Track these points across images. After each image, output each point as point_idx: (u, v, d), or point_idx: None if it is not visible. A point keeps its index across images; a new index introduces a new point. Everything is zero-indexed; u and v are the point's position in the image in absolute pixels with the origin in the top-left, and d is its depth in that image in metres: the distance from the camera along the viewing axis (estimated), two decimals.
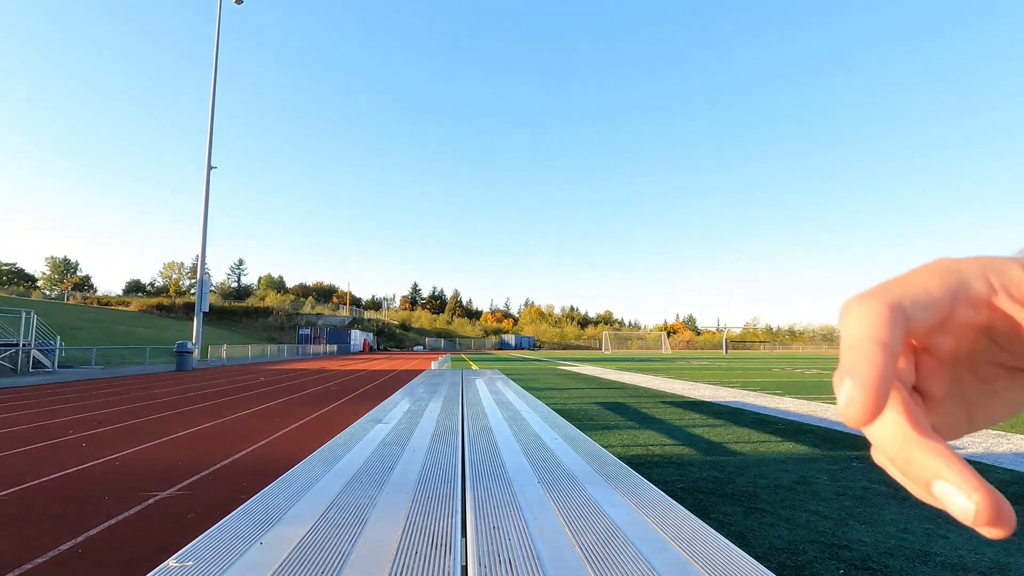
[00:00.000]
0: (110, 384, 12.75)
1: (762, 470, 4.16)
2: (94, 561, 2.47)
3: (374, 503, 1.43)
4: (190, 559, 1.03)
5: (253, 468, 4.27)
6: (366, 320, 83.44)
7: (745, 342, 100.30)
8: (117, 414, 7.51)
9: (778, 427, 6.23)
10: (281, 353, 36.86)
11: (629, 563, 1.05)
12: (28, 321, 17.12)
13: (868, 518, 3.06)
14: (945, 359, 0.26)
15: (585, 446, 2.36)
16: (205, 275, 23.99)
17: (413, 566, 1.02)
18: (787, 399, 9.36)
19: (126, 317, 47.73)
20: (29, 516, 3.12)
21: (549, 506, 1.42)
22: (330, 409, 8.20)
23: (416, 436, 2.56)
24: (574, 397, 9.83)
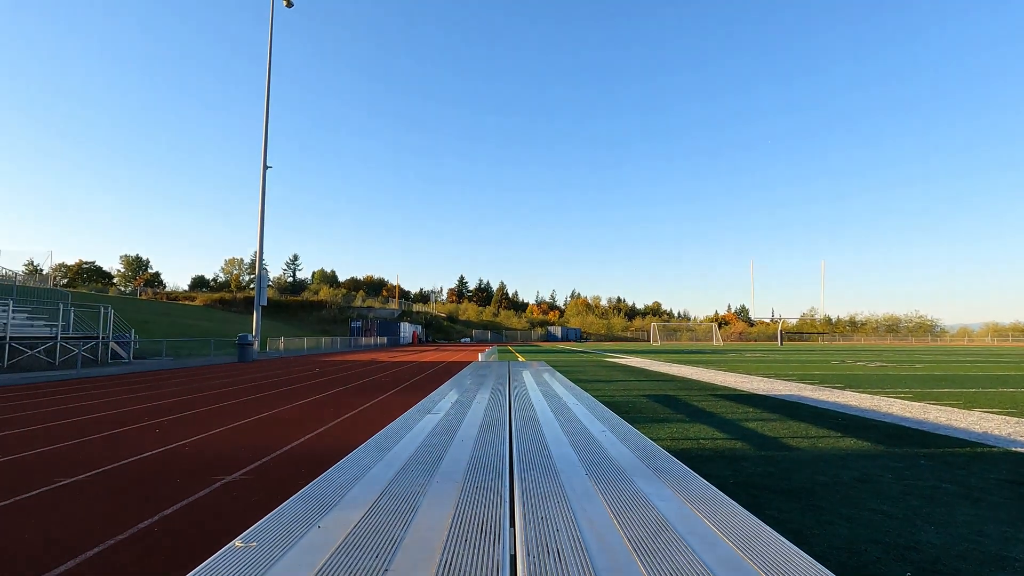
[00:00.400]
0: (179, 374, 13.54)
1: (820, 466, 4.00)
2: (171, 538, 2.64)
3: (425, 491, 1.47)
4: (254, 540, 1.09)
5: (310, 455, 4.45)
6: (415, 313, 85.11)
7: (802, 333, 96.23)
8: (185, 402, 7.98)
9: (838, 422, 5.96)
10: (334, 345, 38.14)
11: (679, 557, 1.04)
12: (106, 316, 18.40)
13: (938, 519, 2.89)
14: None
15: (633, 439, 2.33)
16: (263, 271, 25.06)
17: (463, 553, 1.04)
18: (848, 393, 8.94)
19: (192, 311, 50.50)
20: (112, 495, 3.37)
21: (597, 498, 1.42)
22: (381, 399, 8.44)
23: (464, 427, 2.60)
24: (621, 389, 9.72)
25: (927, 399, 8.06)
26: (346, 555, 1.03)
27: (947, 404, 7.48)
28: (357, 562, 1.00)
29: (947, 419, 6.13)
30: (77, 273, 79.35)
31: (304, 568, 0.96)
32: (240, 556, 1.01)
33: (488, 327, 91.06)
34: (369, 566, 0.98)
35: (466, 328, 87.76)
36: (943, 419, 6.13)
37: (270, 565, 0.98)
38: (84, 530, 2.76)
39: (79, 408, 7.36)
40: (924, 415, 6.43)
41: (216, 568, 0.96)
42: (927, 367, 16.20)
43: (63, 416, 6.63)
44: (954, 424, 5.80)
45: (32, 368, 15.01)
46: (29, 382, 11.37)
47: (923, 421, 5.99)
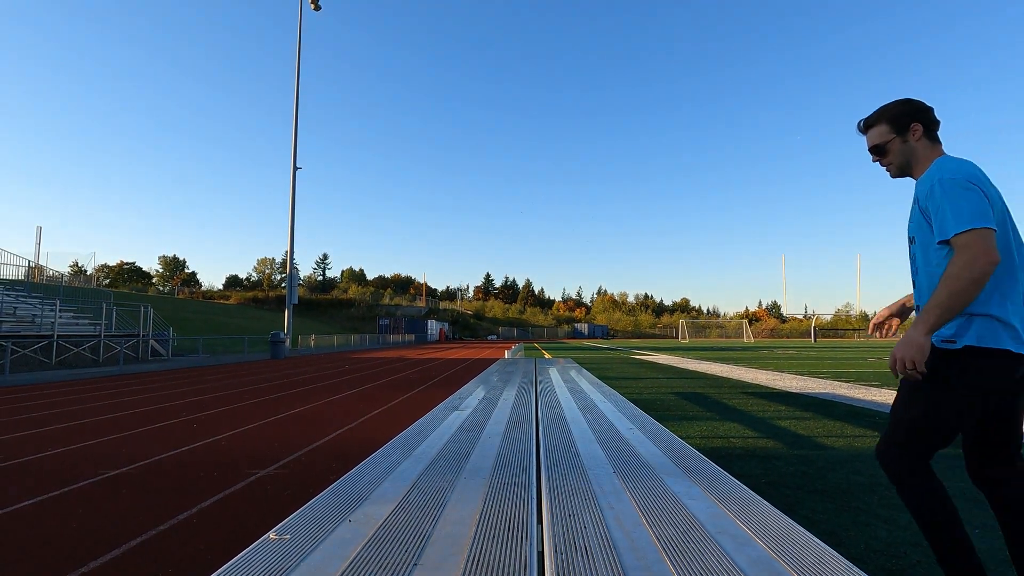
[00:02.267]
0: (215, 371, 13.95)
1: (857, 466, 3.89)
2: (209, 529, 2.73)
3: (452, 487, 1.48)
4: (287, 533, 1.12)
5: (340, 450, 4.54)
6: (441, 310, 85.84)
7: (836, 330, 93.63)
8: (221, 398, 8.21)
9: (875, 421, 5.79)
10: (363, 342, 38.76)
11: (710, 557, 1.02)
12: (146, 314, 19.07)
13: (982, 522, 2.79)
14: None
15: (662, 436, 2.31)
16: (294, 270, 25.61)
17: (491, 549, 1.05)
18: (885, 391, 8.67)
19: (226, 310, 51.94)
20: (153, 487, 3.49)
21: (625, 496, 1.41)
22: (409, 396, 8.54)
23: (491, 423, 2.61)
24: (650, 387, 9.63)
25: None
26: (376, 548, 1.05)
27: None
28: (387, 555, 1.02)
29: None
30: (118, 273, 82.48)
31: (336, 560, 0.99)
32: (275, 548, 1.04)
33: (514, 324, 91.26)
34: (399, 559, 1.00)
35: (492, 325, 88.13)
36: None
37: (303, 557, 1.00)
38: (128, 520, 2.88)
39: (122, 403, 7.65)
40: None
41: (252, 559, 0.99)
42: None
43: (107, 411, 6.90)
44: None
45: (77, 365, 15.67)
46: (75, 378, 11.86)
47: None
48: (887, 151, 1.91)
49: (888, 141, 1.89)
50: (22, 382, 10.81)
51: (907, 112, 1.86)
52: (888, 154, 1.91)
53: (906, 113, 1.86)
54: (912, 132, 1.86)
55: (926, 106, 1.88)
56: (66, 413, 6.73)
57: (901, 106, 1.88)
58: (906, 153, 1.88)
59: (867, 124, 1.96)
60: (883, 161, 1.95)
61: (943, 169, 1.71)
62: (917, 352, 1.62)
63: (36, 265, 26.03)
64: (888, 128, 1.89)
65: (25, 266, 23.58)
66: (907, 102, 1.89)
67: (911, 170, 1.91)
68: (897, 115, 1.87)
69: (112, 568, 2.30)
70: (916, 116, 1.86)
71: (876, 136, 1.92)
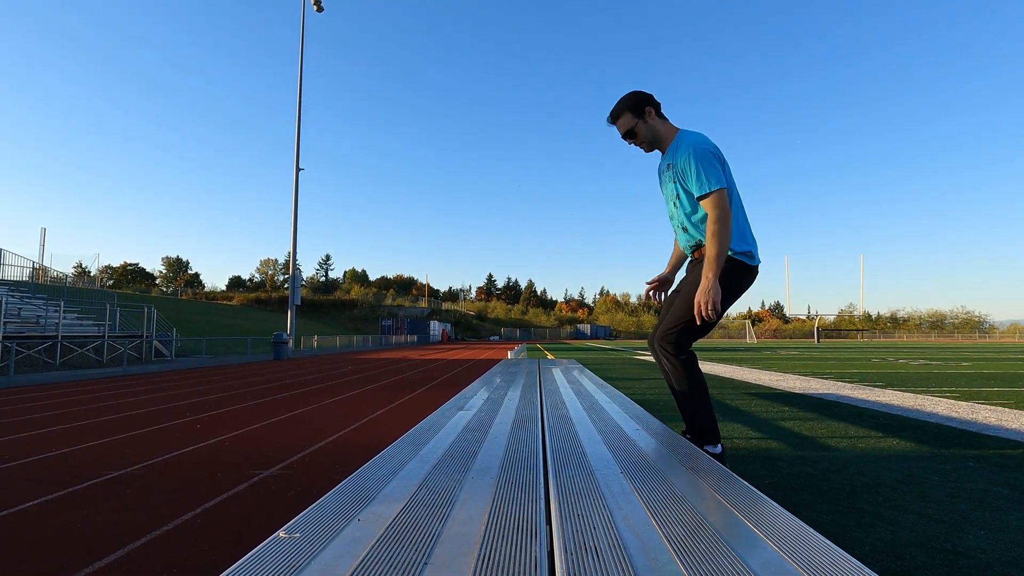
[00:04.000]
0: (218, 372, 13.97)
1: (861, 467, 3.87)
2: (213, 530, 2.74)
3: (460, 487, 1.48)
4: (297, 532, 1.12)
5: (344, 450, 4.54)
6: (444, 311, 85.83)
7: (840, 330, 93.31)
8: (224, 399, 8.23)
9: (879, 421, 5.77)
10: (366, 343, 38.78)
11: (720, 558, 1.02)
12: (149, 315, 19.12)
13: (988, 523, 2.77)
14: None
15: (668, 437, 2.31)
16: (296, 271, 25.63)
17: (501, 549, 1.05)
18: (889, 392, 8.64)
19: (229, 311, 52.00)
20: (157, 488, 3.50)
21: (633, 497, 1.40)
22: (413, 396, 8.54)
23: (497, 423, 2.61)
24: (652, 387, 9.61)
25: (976, 399, 7.73)
26: (387, 547, 1.05)
27: (997, 404, 7.15)
28: (397, 554, 1.02)
29: (998, 419, 5.87)
30: (122, 274, 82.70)
31: (347, 559, 0.99)
32: (286, 546, 1.04)
33: (516, 325, 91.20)
34: (409, 559, 1.00)
35: (495, 326, 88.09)
36: (993, 419, 5.87)
37: (314, 555, 1.00)
38: (132, 521, 2.88)
39: (125, 404, 7.67)
40: (972, 415, 6.17)
41: (264, 557, 0.99)
42: (975, 365, 15.52)
43: (111, 412, 6.92)
44: (1005, 424, 5.55)
45: (81, 365, 15.71)
46: (79, 379, 11.90)
47: (971, 421, 5.75)
48: (636, 133, 2.34)
49: (634, 125, 2.33)
50: (26, 383, 10.85)
51: (640, 100, 2.30)
52: (638, 135, 2.35)
53: (639, 101, 2.30)
54: (647, 114, 2.32)
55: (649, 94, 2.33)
56: (70, 414, 6.75)
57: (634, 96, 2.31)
58: (650, 131, 2.34)
59: (613, 117, 2.38)
60: (636, 142, 2.39)
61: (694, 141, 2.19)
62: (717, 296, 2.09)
63: (40, 266, 26.12)
64: (631, 115, 2.32)
65: (30, 267, 23.65)
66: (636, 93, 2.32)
67: (659, 144, 2.37)
68: (633, 104, 2.31)
69: (116, 569, 2.31)
70: (647, 102, 2.31)
71: (624, 124, 2.35)
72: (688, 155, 2.16)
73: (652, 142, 2.38)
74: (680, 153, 2.22)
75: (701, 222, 2.29)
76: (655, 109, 2.33)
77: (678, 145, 2.26)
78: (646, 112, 2.32)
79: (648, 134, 2.35)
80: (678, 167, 2.23)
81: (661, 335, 2.48)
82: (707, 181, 2.10)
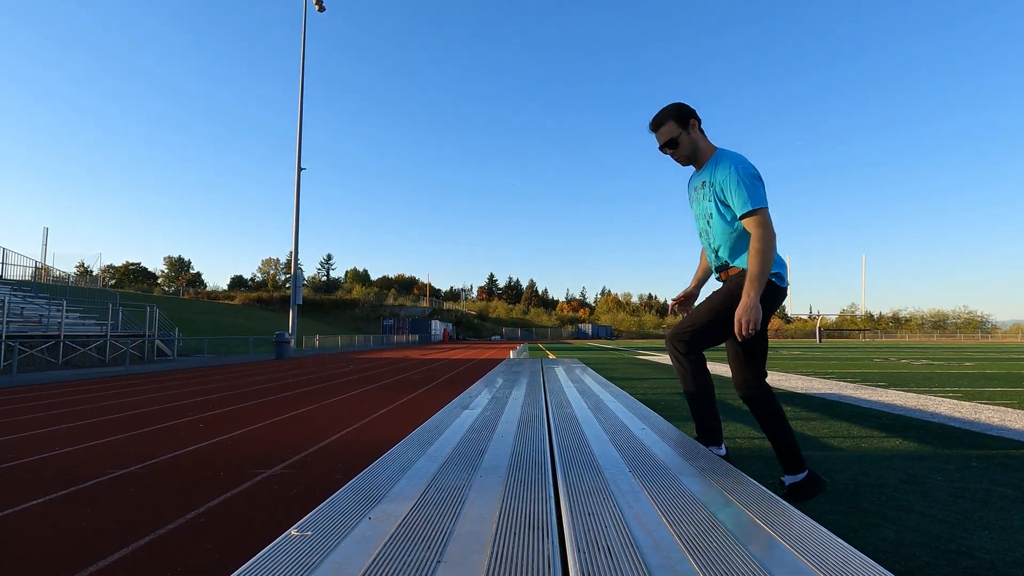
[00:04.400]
0: (220, 371, 13.98)
1: (864, 467, 3.87)
2: (216, 529, 2.73)
3: (470, 485, 1.48)
4: (308, 530, 1.12)
5: (346, 450, 4.54)
6: (445, 310, 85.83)
7: (842, 330, 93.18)
8: (227, 398, 8.23)
9: (881, 421, 5.76)
10: (367, 343, 38.80)
11: (733, 557, 1.02)
12: (152, 315, 19.14)
13: (992, 523, 2.76)
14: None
15: (675, 436, 2.31)
16: (298, 270, 25.64)
17: (513, 547, 1.05)
18: (892, 392, 8.63)
19: (231, 310, 52.04)
20: (160, 487, 3.50)
21: (643, 495, 1.40)
22: (415, 395, 8.54)
23: (503, 422, 2.61)
24: (655, 387, 9.61)
25: (979, 399, 7.71)
26: (399, 545, 1.05)
27: (1000, 404, 7.14)
28: (410, 552, 1.01)
29: (1000, 419, 5.86)
30: (124, 274, 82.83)
31: (360, 556, 0.98)
32: (298, 544, 1.04)
33: (518, 324, 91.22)
34: (422, 557, 0.99)
35: (496, 326, 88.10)
36: (996, 419, 5.86)
37: (327, 553, 1.00)
38: (135, 520, 2.88)
39: (128, 403, 7.68)
40: (975, 415, 6.16)
41: (276, 554, 0.99)
42: (977, 365, 15.50)
43: (113, 411, 6.93)
44: (1008, 424, 5.54)
45: (84, 365, 15.73)
46: (81, 378, 11.91)
47: (974, 421, 5.74)
48: (679, 144, 2.32)
49: (678, 135, 2.30)
50: (29, 382, 10.86)
51: (685, 112, 2.30)
52: (679, 146, 2.32)
53: (685, 113, 2.30)
54: (692, 127, 2.31)
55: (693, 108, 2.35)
56: (72, 413, 6.76)
57: (679, 107, 2.31)
58: (692, 144, 2.32)
59: (656, 124, 2.35)
60: (674, 153, 2.36)
61: (737, 160, 2.18)
62: (757, 315, 2.08)
63: (43, 266, 26.16)
64: (675, 124, 2.30)
65: (32, 267, 23.69)
66: (681, 104, 2.32)
67: (696, 159, 2.36)
68: (678, 114, 2.30)
69: (120, 568, 2.31)
70: (692, 115, 2.31)
71: (667, 133, 2.32)
72: (732, 173, 2.15)
73: (691, 156, 2.37)
74: (721, 171, 2.21)
75: (736, 242, 2.29)
76: (698, 123, 2.34)
77: (717, 163, 2.25)
78: (691, 124, 2.31)
79: (689, 147, 2.33)
80: (718, 185, 2.22)
81: (676, 332, 2.52)
82: (753, 199, 2.10)
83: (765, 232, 2.06)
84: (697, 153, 2.34)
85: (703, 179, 2.33)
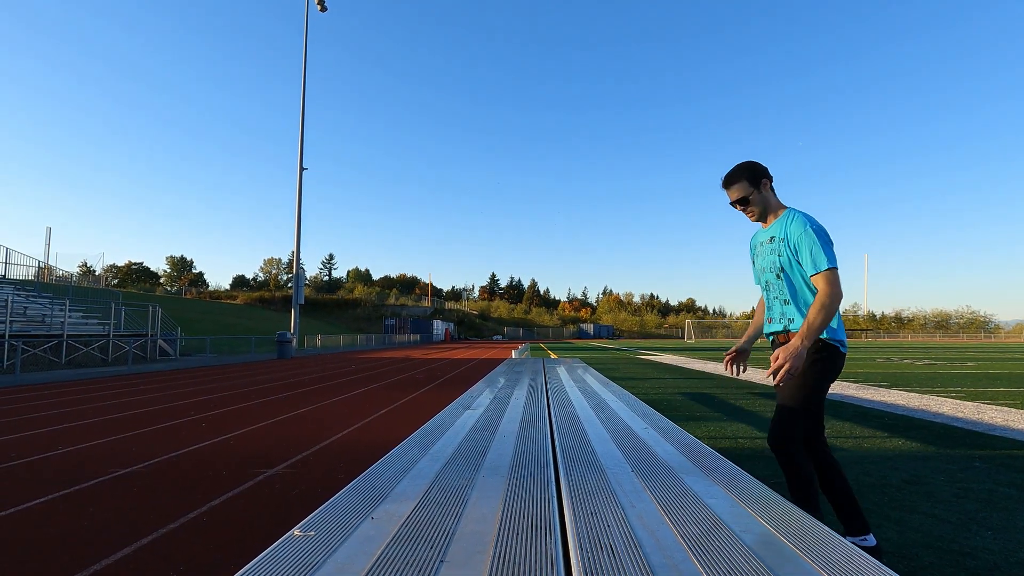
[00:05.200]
0: (222, 371, 14.00)
1: (866, 467, 3.86)
2: (218, 528, 2.74)
3: (472, 485, 1.48)
4: (311, 530, 1.12)
5: (348, 449, 4.55)
6: (447, 310, 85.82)
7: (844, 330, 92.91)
8: (229, 398, 8.25)
9: (884, 421, 5.75)
10: (369, 343, 38.83)
11: (736, 556, 1.02)
12: (154, 314, 19.18)
13: (995, 524, 2.75)
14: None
15: (678, 436, 2.30)
16: (300, 270, 25.66)
17: (516, 547, 1.05)
18: (894, 392, 8.61)
19: (233, 310, 52.11)
20: (162, 486, 3.51)
21: (645, 495, 1.40)
22: (417, 395, 8.55)
23: (505, 422, 2.61)
24: (657, 387, 9.60)
25: (981, 399, 7.69)
26: (402, 545, 1.05)
27: (1003, 404, 7.12)
28: (413, 552, 1.01)
29: (1004, 420, 5.84)
30: (127, 274, 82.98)
31: (363, 557, 0.99)
32: (301, 544, 1.04)
33: (520, 324, 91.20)
34: (425, 556, 1.00)
35: (498, 325, 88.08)
36: (999, 419, 5.85)
37: (330, 553, 1.00)
38: (138, 519, 2.89)
39: (130, 403, 7.69)
40: (978, 415, 6.14)
41: (279, 555, 0.99)
42: (980, 365, 15.46)
43: (116, 410, 6.94)
44: (1012, 425, 5.53)
45: (87, 364, 15.77)
46: (84, 377, 11.94)
47: (977, 421, 5.73)
48: (750, 202, 2.38)
49: (750, 194, 2.36)
50: (32, 381, 10.89)
51: (758, 171, 2.36)
52: (751, 204, 2.39)
53: (757, 172, 2.35)
54: (764, 186, 2.36)
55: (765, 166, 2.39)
56: (75, 412, 6.77)
57: (752, 166, 2.37)
58: (763, 202, 2.38)
59: (728, 182, 2.42)
60: (747, 211, 2.43)
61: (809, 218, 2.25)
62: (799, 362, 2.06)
63: (46, 265, 26.22)
64: (747, 183, 2.36)
65: (35, 266, 23.73)
66: (754, 163, 2.38)
67: (766, 215, 2.42)
68: (751, 174, 2.36)
69: (123, 567, 2.31)
70: (764, 174, 2.36)
71: (739, 191, 2.39)
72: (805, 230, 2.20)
73: (762, 214, 2.43)
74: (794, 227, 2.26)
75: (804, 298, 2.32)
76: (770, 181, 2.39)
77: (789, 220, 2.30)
78: (762, 183, 2.37)
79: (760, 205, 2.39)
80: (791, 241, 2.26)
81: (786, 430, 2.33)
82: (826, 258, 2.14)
83: (833, 290, 2.11)
84: (767, 211, 2.41)
85: (772, 234, 2.38)
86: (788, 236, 2.27)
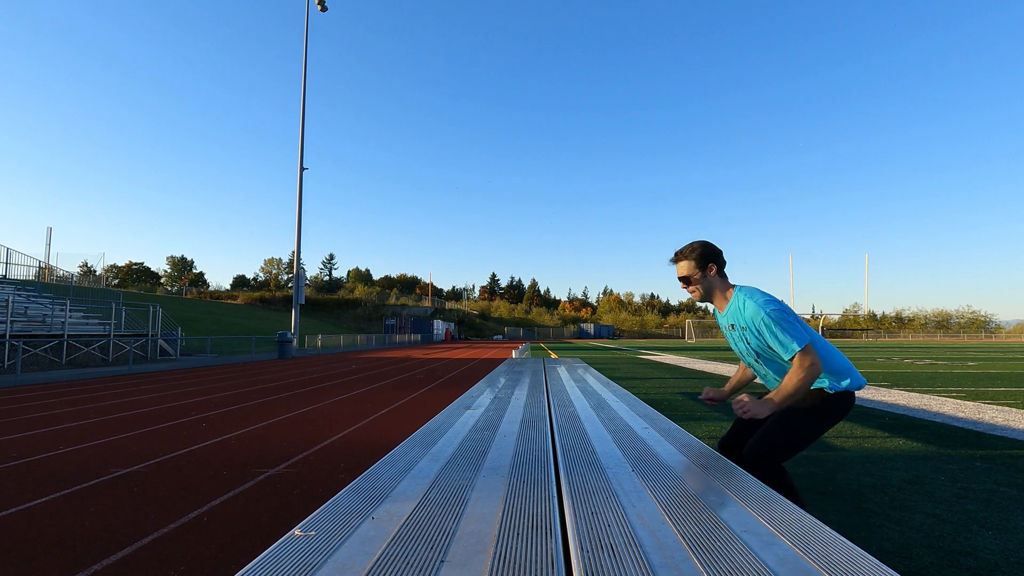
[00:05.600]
0: (223, 371, 14.01)
1: (867, 467, 3.86)
2: (219, 527, 2.74)
3: (472, 485, 1.48)
4: (312, 530, 1.12)
5: (349, 449, 4.55)
6: (447, 310, 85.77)
7: (844, 330, 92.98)
8: (229, 398, 8.25)
9: (884, 421, 5.75)
10: (369, 342, 38.82)
11: (737, 556, 1.02)
12: (155, 314, 19.19)
13: (995, 524, 2.75)
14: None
15: (677, 435, 2.30)
16: (300, 270, 25.66)
17: (516, 547, 1.05)
18: (895, 392, 8.61)
19: (234, 310, 52.10)
20: (163, 486, 3.51)
21: (646, 495, 1.40)
22: (418, 395, 8.55)
23: (505, 422, 2.61)
24: (657, 386, 9.60)
25: (982, 399, 7.69)
26: (402, 545, 1.05)
27: (1004, 404, 7.12)
28: (413, 552, 1.02)
29: (1004, 419, 5.84)
30: (127, 273, 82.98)
31: (363, 557, 0.99)
32: (301, 544, 1.04)
33: (520, 324, 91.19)
34: (425, 556, 1.00)
35: (498, 325, 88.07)
36: (1000, 419, 5.84)
37: (331, 553, 1.00)
38: (139, 518, 2.89)
39: (131, 403, 7.70)
40: (979, 415, 6.14)
41: (280, 555, 0.99)
42: (981, 365, 15.45)
43: (117, 410, 6.95)
44: (1012, 425, 5.52)
45: (87, 364, 15.78)
46: (85, 377, 11.95)
47: (978, 421, 5.72)
48: (692, 282, 2.39)
49: (692, 275, 2.37)
50: (33, 381, 10.90)
51: (704, 255, 2.36)
52: (692, 283, 2.40)
53: (704, 256, 2.36)
54: (709, 270, 2.36)
55: (718, 250, 2.40)
56: (76, 412, 6.78)
57: (702, 248, 2.38)
58: (706, 285, 2.38)
59: (676, 258, 2.45)
60: (689, 289, 2.44)
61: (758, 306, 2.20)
62: (764, 412, 2.09)
63: (46, 265, 26.23)
64: (693, 264, 2.37)
65: (36, 266, 23.75)
66: (705, 246, 2.38)
67: (711, 298, 2.42)
68: (699, 256, 2.37)
69: (124, 566, 2.31)
70: (712, 259, 2.37)
71: (683, 269, 2.41)
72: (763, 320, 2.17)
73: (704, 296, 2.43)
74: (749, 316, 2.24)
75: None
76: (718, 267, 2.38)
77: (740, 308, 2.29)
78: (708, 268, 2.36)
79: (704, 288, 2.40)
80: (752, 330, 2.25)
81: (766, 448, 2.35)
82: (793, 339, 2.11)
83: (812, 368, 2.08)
84: (712, 295, 2.41)
85: (732, 322, 2.38)
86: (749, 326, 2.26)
